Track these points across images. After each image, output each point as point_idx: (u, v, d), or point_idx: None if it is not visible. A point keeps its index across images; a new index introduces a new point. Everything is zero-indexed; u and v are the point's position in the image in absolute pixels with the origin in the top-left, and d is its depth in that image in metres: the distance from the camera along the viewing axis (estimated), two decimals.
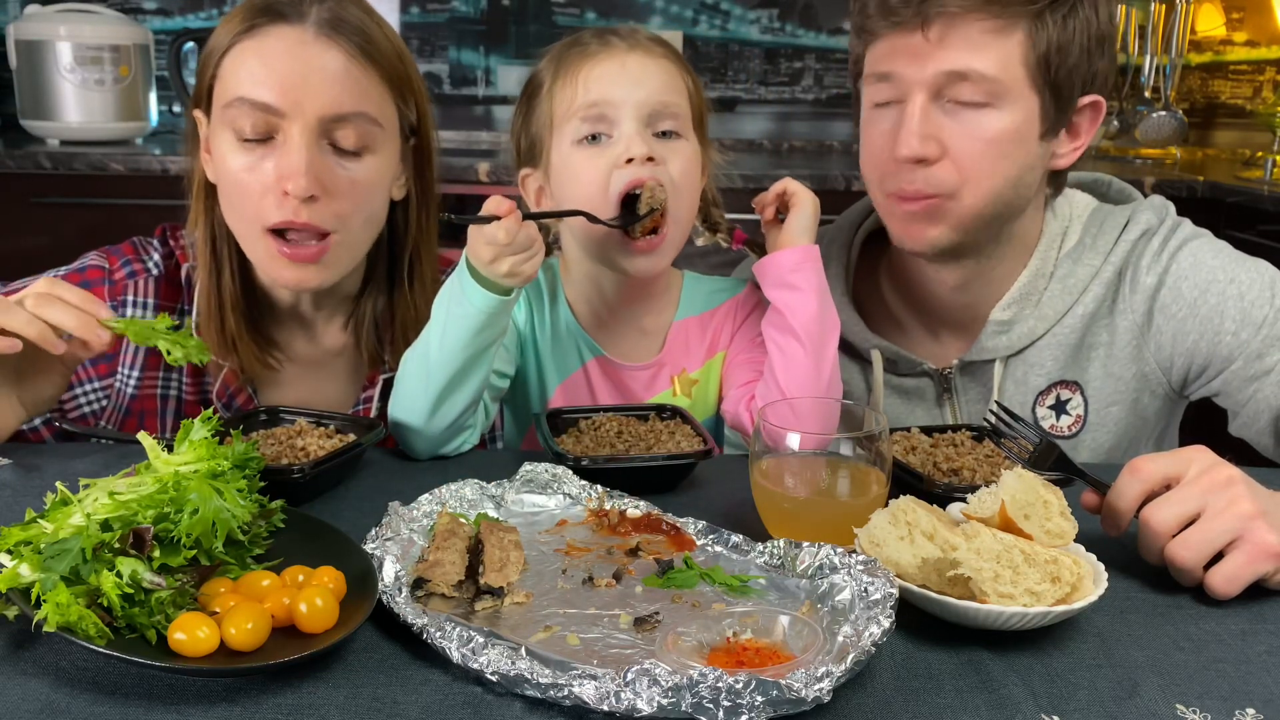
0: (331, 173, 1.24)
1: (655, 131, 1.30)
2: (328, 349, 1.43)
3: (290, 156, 1.22)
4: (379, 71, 1.27)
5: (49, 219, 2.86)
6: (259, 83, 1.22)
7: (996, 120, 1.24)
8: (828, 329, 1.27)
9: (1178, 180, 3.03)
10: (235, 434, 0.99)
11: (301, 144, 1.22)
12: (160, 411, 1.38)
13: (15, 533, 0.84)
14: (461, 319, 1.18)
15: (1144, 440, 1.43)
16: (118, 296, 1.36)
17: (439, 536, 0.95)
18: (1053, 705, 0.78)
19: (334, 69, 1.23)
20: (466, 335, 1.19)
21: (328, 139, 1.25)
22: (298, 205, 1.22)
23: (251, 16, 1.24)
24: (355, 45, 1.25)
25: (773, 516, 1.02)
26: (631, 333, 1.43)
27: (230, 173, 1.25)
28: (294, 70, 1.22)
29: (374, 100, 1.27)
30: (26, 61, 3.01)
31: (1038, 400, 1.40)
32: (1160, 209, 1.40)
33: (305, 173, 1.21)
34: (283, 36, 1.23)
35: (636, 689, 0.72)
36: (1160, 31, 3.49)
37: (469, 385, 1.21)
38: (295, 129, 1.22)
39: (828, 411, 1.14)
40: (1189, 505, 0.94)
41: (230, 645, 0.79)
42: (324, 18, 1.24)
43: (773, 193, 1.32)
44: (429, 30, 3.63)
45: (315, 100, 1.22)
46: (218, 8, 3.51)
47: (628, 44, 1.32)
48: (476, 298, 1.17)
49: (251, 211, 1.25)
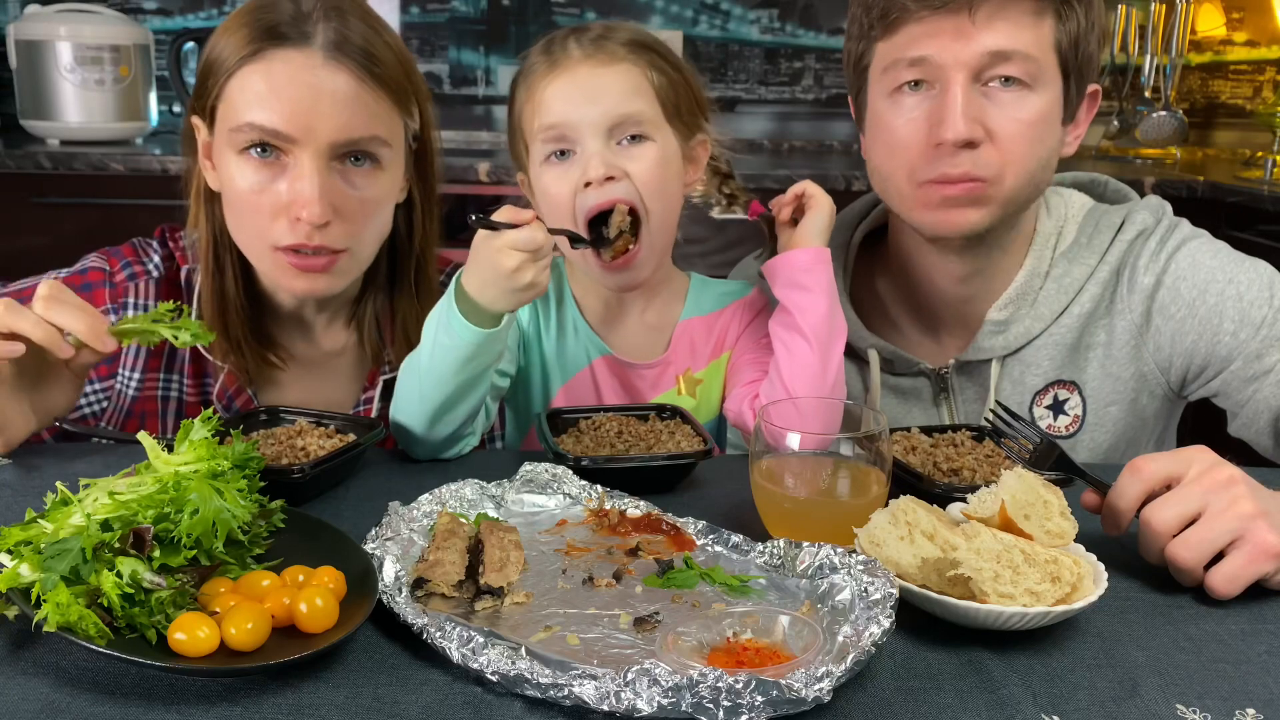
0: (343, 196, 1.25)
1: (619, 140, 1.29)
2: (328, 350, 1.43)
3: (303, 183, 1.22)
4: (386, 91, 1.27)
5: (49, 219, 2.86)
6: (268, 109, 1.21)
7: (1035, 102, 1.25)
8: (836, 331, 1.28)
9: (1178, 180, 3.03)
10: (235, 434, 0.99)
11: (313, 169, 1.22)
12: (161, 413, 1.38)
13: (15, 533, 0.84)
14: (450, 349, 1.16)
15: (1143, 440, 1.43)
16: (119, 299, 1.35)
17: (439, 536, 0.95)
18: (1053, 705, 0.78)
19: (343, 94, 1.23)
20: (456, 364, 1.17)
21: (338, 162, 1.25)
22: (310, 230, 1.23)
23: (257, 40, 1.22)
24: (362, 67, 1.24)
25: (773, 516, 1.02)
26: (638, 331, 1.43)
27: (239, 192, 1.25)
28: (303, 97, 1.21)
29: (383, 120, 1.27)
30: (26, 61, 3.01)
31: (1035, 400, 1.40)
32: (1157, 209, 1.40)
33: (319, 200, 1.21)
34: (289, 61, 1.22)
35: (636, 689, 0.72)
36: (1160, 31, 3.49)
37: (464, 405, 1.20)
38: (306, 155, 1.22)
39: (829, 412, 1.13)
40: (1190, 505, 0.94)
41: (230, 645, 0.79)
42: (330, 39, 1.23)
43: (791, 194, 1.32)
44: (429, 30, 3.62)
45: (326, 126, 1.22)
46: (218, 8, 3.51)
47: (583, 53, 1.30)
48: (464, 332, 1.15)
49: (262, 231, 1.25)
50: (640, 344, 1.43)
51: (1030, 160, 1.26)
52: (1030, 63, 1.23)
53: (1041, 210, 1.40)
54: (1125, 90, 3.58)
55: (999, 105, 1.24)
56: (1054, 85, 1.26)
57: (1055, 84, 1.26)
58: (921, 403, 1.45)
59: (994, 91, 1.24)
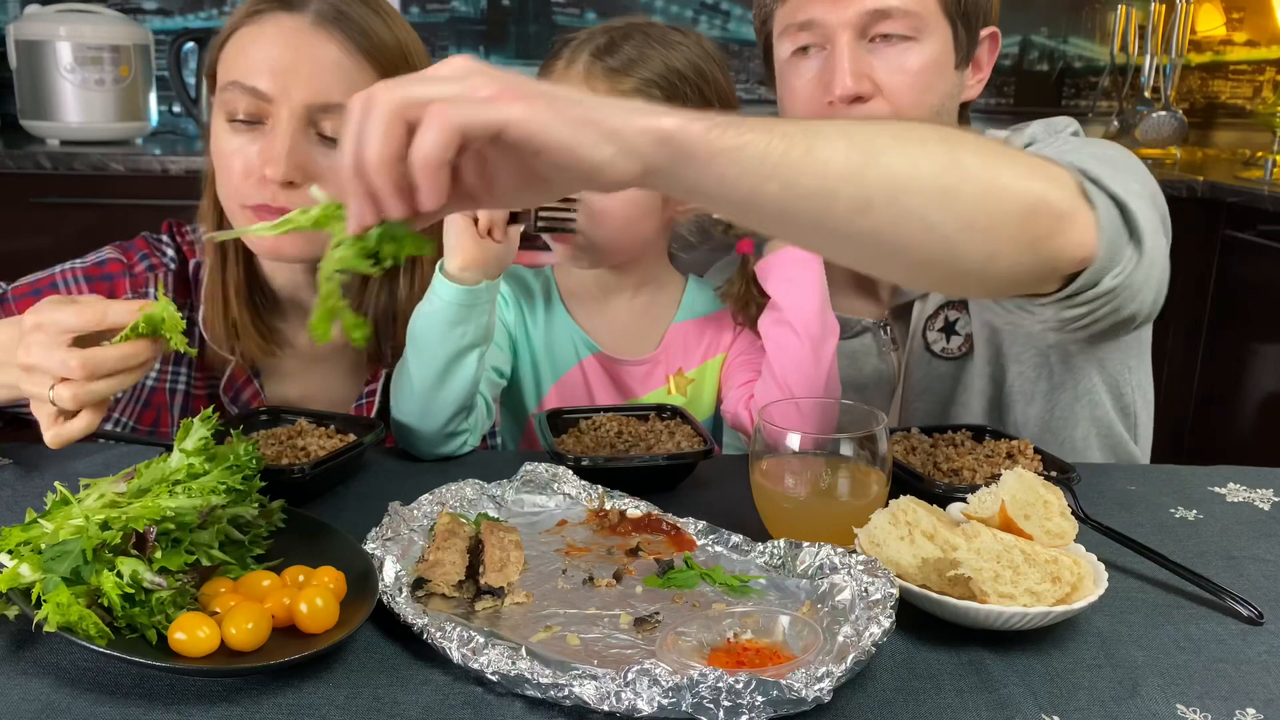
0: (314, 160, 1.25)
1: None
2: (331, 343, 1.43)
3: (274, 142, 1.23)
4: (376, 66, 1.27)
5: (49, 219, 2.86)
6: (252, 68, 1.23)
7: (920, 52, 1.29)
8: (828, 328, 1.29)
9: (1178, 180, 3.03)
10: (235, 434, 0.99)
11: (286, 130, 1.23)
12: (170, 405, 1.38)
13: (15, 533, 0.84)
14: (432, 314, 1.20)
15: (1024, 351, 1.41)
16: (139, 289, 1.37)
17: (439, 536, 0.95)
18: (1053, 705, 0.78)
19: (326, 59, 1.24)
20: (442, 328, 1.19)
21: (315, 128, 1.25)
22: (275, 189, 1.23)
23: (258, 3, 1.26)
24: (351, 39, 1.25)
25: (773, 516, 1.02)
26: (626, 327, 1.44)
27: (221, 154, 1.27)
28: (285, 57, 1.23)
29: None
30: (26, 61, 3.01)
31: (926, 325, 1.43)
32: (1056, 123, 1.37)
33: (285, 159, 1.22)
34: (279, 23, 1.24)
35: (637, 689, 0.72)
36: (1160, 31, 3.49)
37: (454, 385, 1.21)
38: (283, 115, 1.23)
39: (828, 411, 1.14)
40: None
41: (230, 645, 0.79)
42: (323, 9, 1.25)
43: None
44: (429, 30, 3.62)
45: (303, 88, 1.23)
46: (217, 8, 3.51)
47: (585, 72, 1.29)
48: (445, 291, 1.19)
49: (234, 191, 1.27)
50: (628, 340, 1.44)
51: (921, 109, 1.30)
52: (910, 16, 1.27)
53: None
54: (1125, 90, 3.58)
55: (884, 59, 1.28)
56: (940, 33, 1.29)
57: (942, 32, 1.29)
58: (869, 358, 1.47)
59: (879, 47, 1.29)
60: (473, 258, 1.19)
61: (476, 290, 1.19)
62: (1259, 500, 1.18)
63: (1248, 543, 1.07)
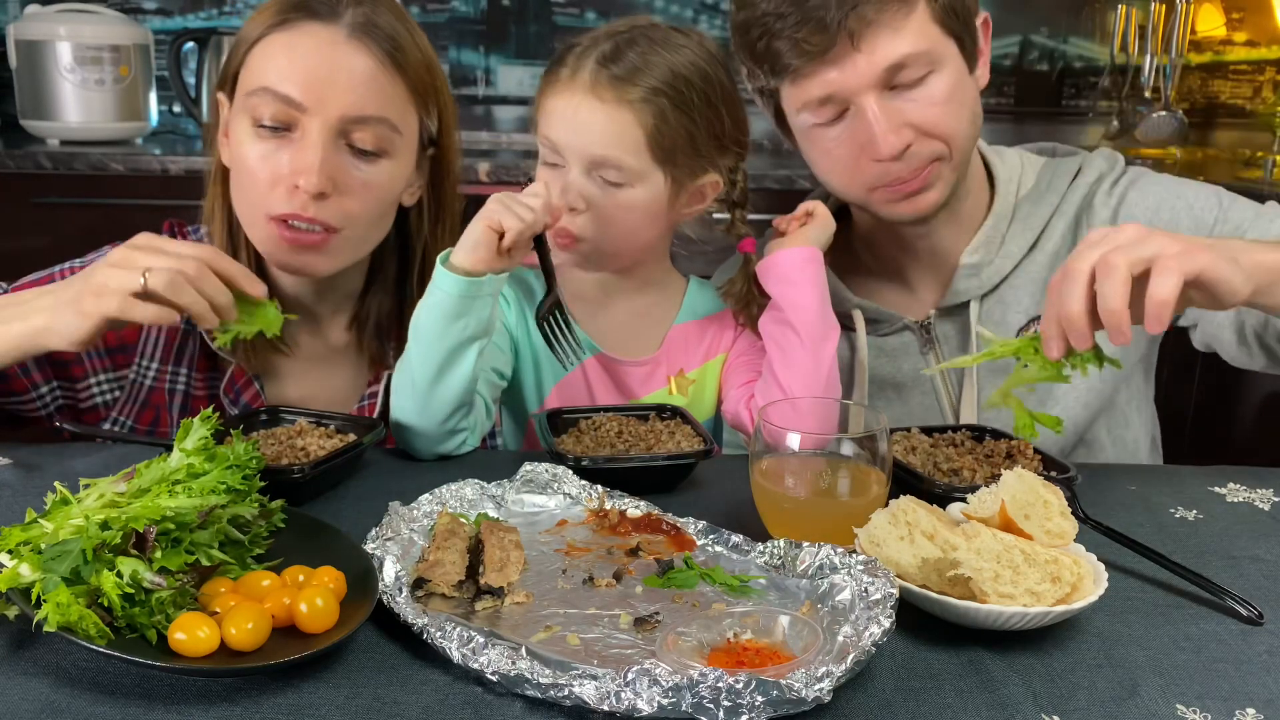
0: (345, 172, 1.26)
1: (598, 174, 1.30)
2: (333, 345, 1.44)
3: (306, 152, 1.23)
4: (405, 80, 1.28)
5: (49, 219, 2.86)
6: (285, 76, 1.23)
7: (941, 80, 1.29)
8: (828, 329, 1.29)
9: None
10: (235, 434, 0.99)
11: (319, 141, 1.23)
12: (169, 405, 1.38)
13: (15, 533, 0.84)
14: (433, 307, 1.20)
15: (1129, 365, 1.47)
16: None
17: (439, 536, 0.95)
18: (1053, 705, 0.78)
19: (361, 71, 1.24)
20: (443, 320, 1.19)
21: (345, 139, 1.25)
22: (306, 200, 1.24)
23: (285, 10, 1.25)
24: (384, 51, 1.26)
25: (773, 516, 1.02)
26: (627, 327, 1.44)
27: (245, 159, 1.26)
28: (321, 67, 1.23)
29: (396, 107, 1.28)
30: (26, 61, 3.01)
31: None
32: (1110, 158, 1.48)
33: (319, 170, 1.22)
34: (314, 33, 1.24)
35: (637, 689, 0.72)
36: (1160, 31, 3.49)
37: (453, 380, 1.21)
38: (315, 125, 1.23)
39: (828, 411, 1.14)
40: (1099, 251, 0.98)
41: (230, 645, 0.79)
42: (357, 21, 1.25)
43: (801, 210, 1.36)
44: (429, 30, 3.57)
45: (338, 100, 1.23)
46: (217, 8, 3.50)
47: (592, 80, 1.28)
48: (446, 283, 1.19)
49: (259, 199, 1.26)
50: (629, 341, 1.44)
51: (962, 124, 1.32)
52: (923, 55, 1.27)
53: (994, 157, 1.47)
54: (1125, 90, 3.58)
55: (913, 101, 1.29)
56: (953, 55, 1.31)
57: (950, 51, 1.31)
58: (910, 358, 1.48)
59: (903, 92, 1.29)
60: (484, 264, 1.20)
61: (478, 282, 1.19)
62: (1259, 500, 1.18)
63: (1248, 543, 1.07)
